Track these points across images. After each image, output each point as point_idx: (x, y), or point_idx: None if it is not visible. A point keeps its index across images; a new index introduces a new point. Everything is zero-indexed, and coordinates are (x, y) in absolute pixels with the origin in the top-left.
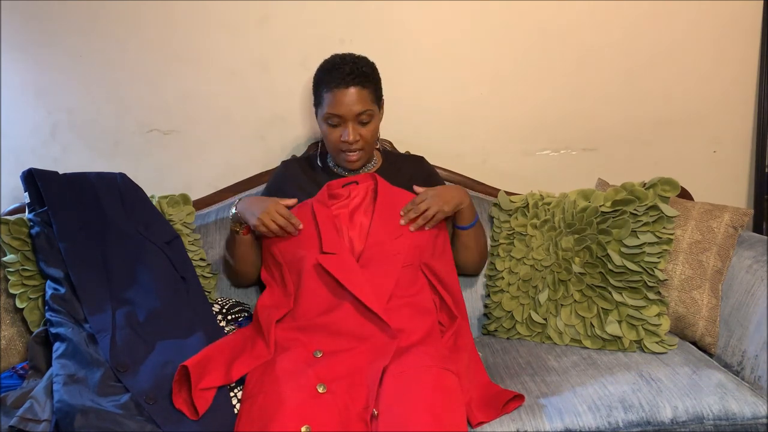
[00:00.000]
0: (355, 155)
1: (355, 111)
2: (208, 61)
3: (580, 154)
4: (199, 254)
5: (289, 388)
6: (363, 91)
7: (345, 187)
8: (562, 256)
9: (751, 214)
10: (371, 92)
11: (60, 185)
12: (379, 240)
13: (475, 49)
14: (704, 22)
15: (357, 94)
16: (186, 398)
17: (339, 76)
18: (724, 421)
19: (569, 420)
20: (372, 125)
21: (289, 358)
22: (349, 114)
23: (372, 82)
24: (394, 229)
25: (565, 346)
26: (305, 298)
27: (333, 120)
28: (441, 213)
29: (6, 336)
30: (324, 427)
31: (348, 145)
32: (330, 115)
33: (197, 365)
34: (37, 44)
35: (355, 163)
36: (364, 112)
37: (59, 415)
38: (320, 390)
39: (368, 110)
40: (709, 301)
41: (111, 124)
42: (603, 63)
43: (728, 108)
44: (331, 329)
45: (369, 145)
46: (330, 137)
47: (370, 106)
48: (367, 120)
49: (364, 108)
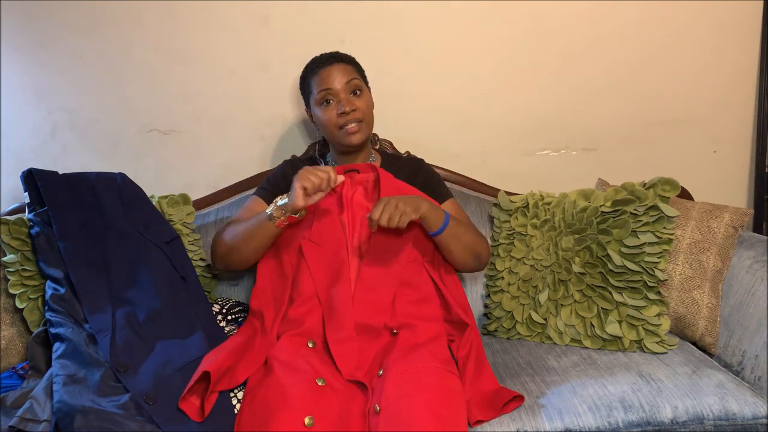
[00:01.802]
0: (355, 126)
1: (343, 80)
2: (208, 61)
3: (580, 154)
4: (199, 254)
5: (290, 380)
6: (346, 66)
7: (346, 174)
8: (562, 256)
9: (751, 214)
10: (354, 68)
11: (60, 185)
12: (384, 236)
13: (475, 49)
14: (704, 22)
15: (341, 68)
16: (195, 401)
17: (320, 61)
18: (724, 421)
19: (569, 420)
20: (364, 96)
21: (285, 349)
22: (338, 84)
23: (352, 62)
24: None
25: (565, 346)
26: (302, 279)
27: (325, 97)
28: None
29: (6, 336)
30: (327, 418)
31: (345, 116)
32: (321, 92)
33: (217, 371)
34: (37, 44)
35: (357, 134)
36: (351, 80)
37: (59, 415)
38: (319, 383)
39: (354, 78)
40: (709, 301)
41: (111, 124)
42: (603, 63)
43: (728, 108)
44: (328, 314)
45: (367, 117)
46: (326, 116)
47: (356, 76)
48: (357, 89)
49: (350, 77)
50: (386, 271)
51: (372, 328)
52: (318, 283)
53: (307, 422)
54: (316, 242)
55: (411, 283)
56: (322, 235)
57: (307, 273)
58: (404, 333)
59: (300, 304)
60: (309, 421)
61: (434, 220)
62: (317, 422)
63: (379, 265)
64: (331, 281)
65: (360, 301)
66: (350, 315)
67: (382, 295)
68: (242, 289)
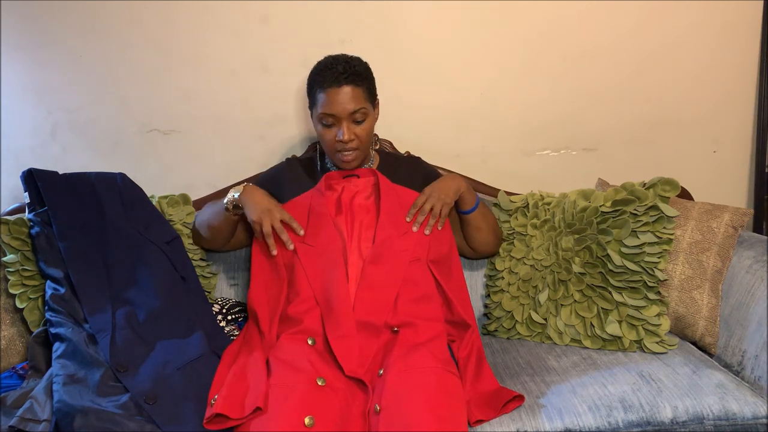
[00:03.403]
0: (350, 155)
1: (349, 109)
2: (208, 61)
3: (580, 154)
4: (199, 254)
5: (291, 380)
6: (356, 90)
7: (345, 179)
8: (562, 256)
9: (751, 214)
10: (364, 91)
11: (60, 185)
12: (387, 236)
13: (475, 49)
14: (704, 22)
15: (350, 92)
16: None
17: (332, 76)
18: (724, 421)
19: (569, 420)
20: (367, 124)
21: (286, 348)
22: (343, 113)
23: (365, 80)
24: (400, 225)
25: (565, 346)
26: (298, 280)
27: (327, 120)
28: (446, 206)
29: (6, 336)
30: (327, 418)
31: (343, 144)
32: (324, 115)
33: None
34: (37, 44)
35: (351, 162)
36: (358, 111)
37: (59, 415)
38: (320, 383)
39: (362, 108)
40: (709, 301)
41: (111, 124)
42: (603, 63)
43: (728, 108)
44: (326, 313)
45: (364, 145)
46: (325, 137)
47: (364, 104)
48: (361, 119)
49: (357, 106)
50: (390, 269)
51: (373, 326)
52: (314, 283)
53: (307, 422)
54: (311, 244)
55: (413, 281)
56: (317, 237)
57: (303, 274)
58: (405, 331)
59: (298, 304)
60: (309, 421)
61: (470, 197)
62: (317, 422)
63: (382, 264)
64: (327, 282)
65: (362, 299)
66: (349, 314)
67: (384, 293)
68: (242, 289)
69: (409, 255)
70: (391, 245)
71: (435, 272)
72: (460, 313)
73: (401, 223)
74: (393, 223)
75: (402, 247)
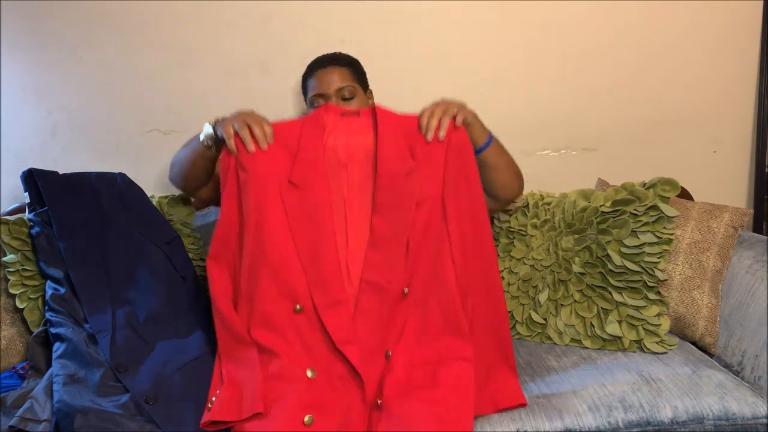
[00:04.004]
0: None
1: (335, 86)
2: (208, 61)
3: (580, 154)
4: (199, 254)
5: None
6: (343, 69)
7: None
8: (562, 256)
9: (751, 214)
10: (351, 72)
11: (60, 185)
12: (391, 172)
13: (474, 49)
14: (704, 22)
15: (337, 72)
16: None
17: (319, 62)
18: (724, 421)
19: (569, 420)
20: (356, 101)
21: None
22: (329, 90)
23: (351, 64)
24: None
25: (565, 346)
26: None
27: (318, 101)
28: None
29: (6, 336)
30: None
31: None
32: (314, 97)
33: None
34: (37, 44)
35: None
36: (345, 88)
37: (59, 415)
38: (309, 375)
39: (349, 86)
40: (709, 301)
41: (111, 124)
42: (603, 63)
43: (728, 108)
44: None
45: None
46: None
47: (351, 83)
48: (349, 96)
49: (344, 83)
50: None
51: (381, 288)
52: (298, 235)
53: (306, 420)
54: (297, 184)
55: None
56: (305, 177)
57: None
58: (414, 295)
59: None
60: (308, 419)
61: (481, 129)
62: (317, 421)
63: (387, 214)
64: (314, 233)
65: (369, 258)
66: (338, 273)
67: (392, 248)
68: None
69: (416, 196)
70: (396, 189)
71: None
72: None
73: (405, 158)
74: (397, 157)
75: (407, 189)
